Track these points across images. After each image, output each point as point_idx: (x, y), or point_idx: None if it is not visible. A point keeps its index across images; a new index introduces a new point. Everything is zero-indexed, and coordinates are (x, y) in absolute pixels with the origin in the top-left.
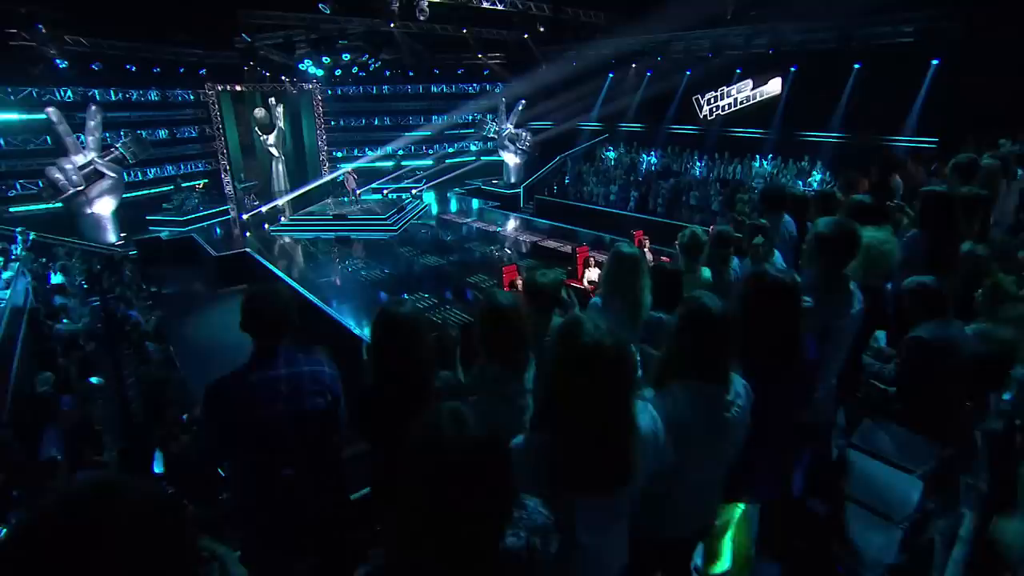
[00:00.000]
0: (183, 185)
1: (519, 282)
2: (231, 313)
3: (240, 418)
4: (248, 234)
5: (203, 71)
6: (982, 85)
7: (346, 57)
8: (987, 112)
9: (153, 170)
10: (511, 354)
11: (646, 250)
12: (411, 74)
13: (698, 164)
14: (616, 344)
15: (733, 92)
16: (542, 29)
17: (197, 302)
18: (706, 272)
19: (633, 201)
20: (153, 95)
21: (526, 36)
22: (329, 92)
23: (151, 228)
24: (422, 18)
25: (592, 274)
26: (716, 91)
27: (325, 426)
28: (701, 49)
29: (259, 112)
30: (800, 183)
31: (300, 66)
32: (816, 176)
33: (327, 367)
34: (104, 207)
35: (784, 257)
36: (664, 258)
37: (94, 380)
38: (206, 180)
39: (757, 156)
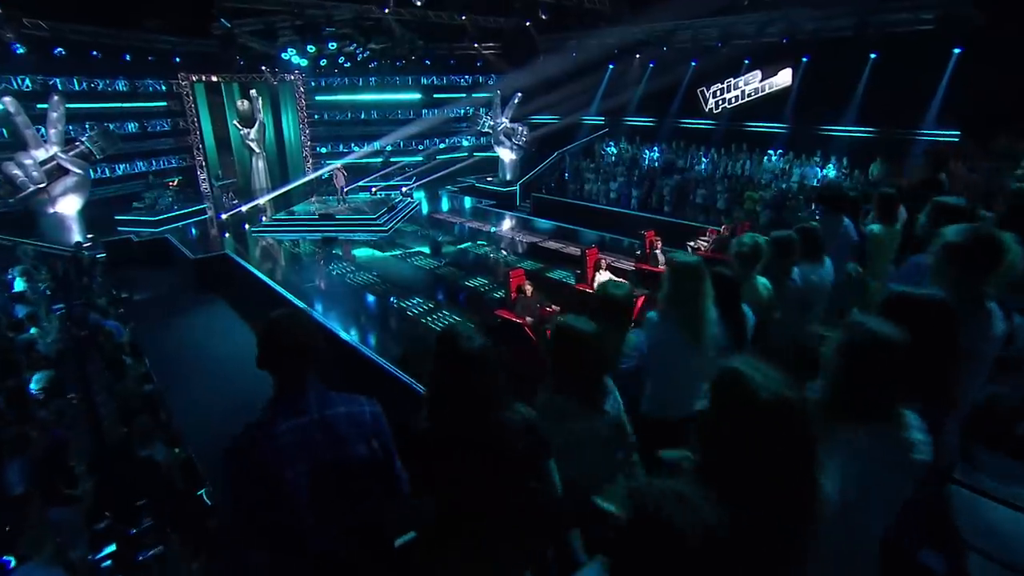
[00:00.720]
0: (155, 182)
1: (527, 288)
2: (210, 320)
3: (270, 480)
4: (227, 235)
5: (177, 59)
6: (1006, 76)
7: (333, 46)
8: (1012, 104)
9: (122, 166)
10: (589, 384)
11: (658, 252)
12: (400, 64)
13: (704, 160)
14: (798, 396)
15: (740, 84)
16: (544, 16)
17: (172, 309)
18: (761, 281)
19: (635, 199)
20: (121, 85)
21: (528, 23)
22: (312, 83)
23: (120, 229)
24: (419, 3)
25: (603, 278)
26: (723, 83)
27: (371, 478)
28: (708, 38)
29: (242, 104)
30: (814, 180)
31: (283, 55)
32: (831, 172)
33: (367, 406)
34: (68, 206)
35: (840, 264)
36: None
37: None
38: (180, 177)
39: (768, 151)
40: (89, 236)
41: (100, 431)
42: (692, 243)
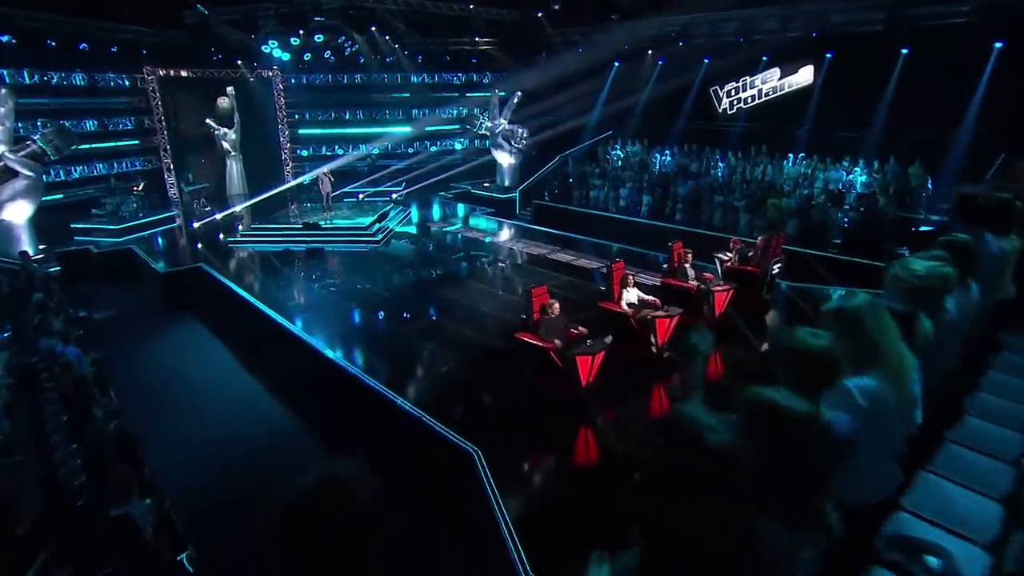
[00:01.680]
0: (117, 187)
1: (554, 307)
2: (183, 342)
3: None
4: (200, 246)
5: (143, 51)
6: None
7: (319, 39)
8: None
9: (79, 168)
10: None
11: (687, 266)
12: (389, 61)
13: (720, 164)
14: None
15: (757, 82)
16: (556, 7)
17: (139, 330)
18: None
19: (646, 206)
20: (79, 78)
21: (540, 14)
22: (292, 80)
23: (78, 239)
24: None
25: (631, 296)
26: (738, 81)
27: None
28: (725, 33)
29: (224, 101)
30: (839, 185)
31: (263, 48)
32: (859, 176)
33: None
34: (17, 213)
35: (985, 284)
36: (707, 275)
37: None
38: (145, 181)
39: (788, 154)
40: (41, 247)
41: (58, 487)
42: (719, 254)
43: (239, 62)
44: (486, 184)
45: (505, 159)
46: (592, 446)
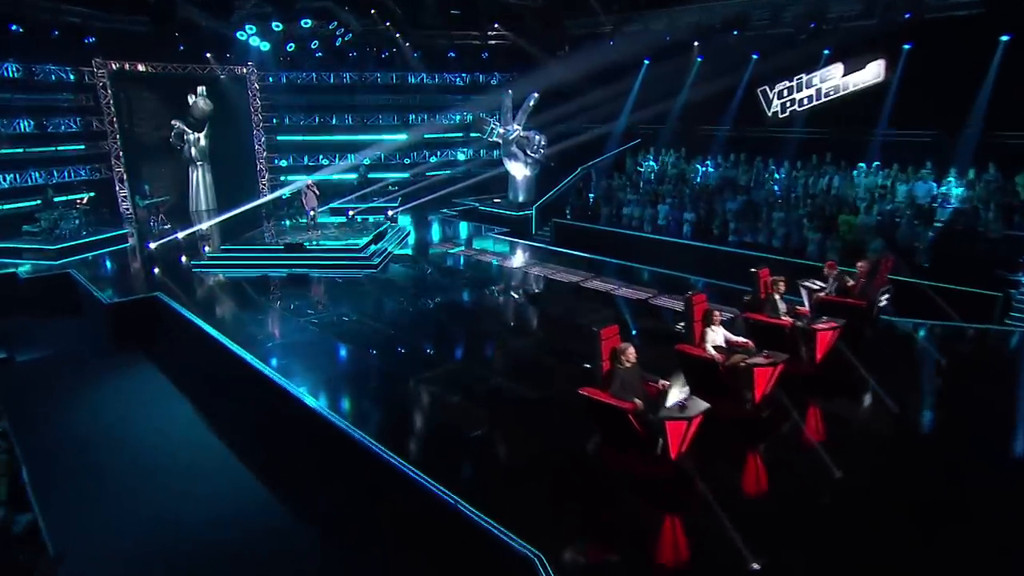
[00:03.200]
0: (56, 199)
1: (631, 353)
2: (130, 391)
3: None
4: (156, 271)
5: (90, 39)
6: None
7: (306, 24)
8: None
9: (9, 176)
10: None
11: (777, 298)
12: (384, 55)
13: (776, 175)
14: None
15: (816, 81)
16: None
17: (75, 376)
18: None
19: (689, 225)
20: (11, 69)
21: None
22: (271, 79)
23: (3, 261)
24: None
25: (716, 336)
26: (791, 80)
27: None
28: (779, 25)
29: (202, 102)
30: (927, 198)
31: (239, 35)
32: (954, 188)
33: None
34: None
35: None
36: (800, 309)
37: None
38: (92, 193)
39: (859, 163)
40: None
41: None
42: (807, 283)
43: (209, 55)
44: (496, 200)
45: (519, 170)
46: (684, 541)
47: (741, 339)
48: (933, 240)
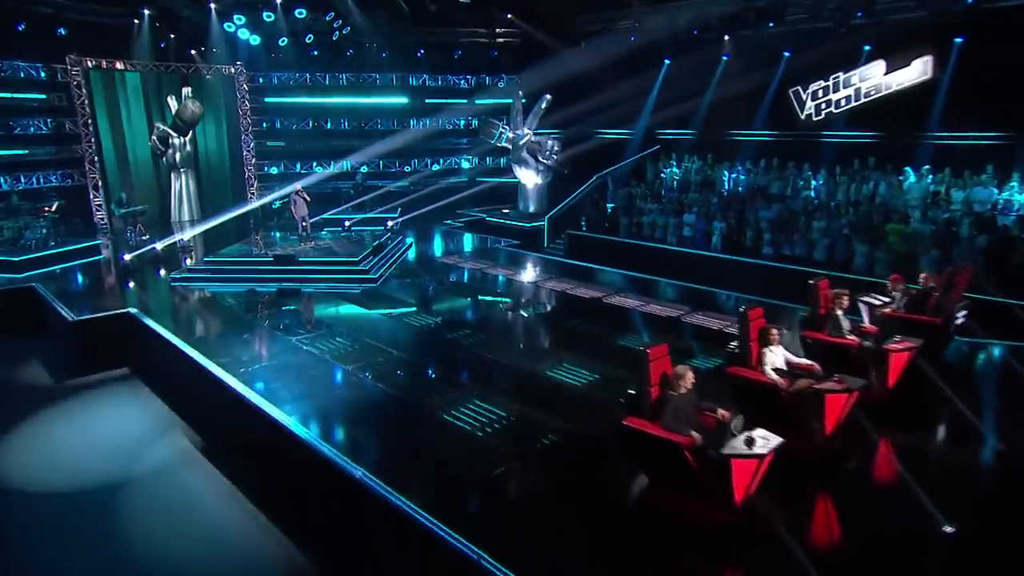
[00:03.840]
0: (22, 207)
1: (689, 378)
2: (99, 422)
3: None
4: (132, 284)
5: (62, 30)
6: None
7: (301, 14)
8: None
9: None
10: None
11: (839, 314)
12: (384, 55)
13: (814, 181)
14: None
15: (854, 79)
16: None
17: (34, 403)
18: None
19: (719, 235)
20: None
21: None
22: (260, 80)
23: None
24: None
25: (776, 358)
26: (827, 80)
27: None
28: (816, 19)
29: (192, 105)
30: (988, 205)
31: (226, 26)
32: (1017, 195)
33: None
34: None
35: None
36: (866, 327)
37: None
38: (62, 201)
39: (906, 168)
40: None
41: None
42: (867, 298)
43: (194, 52)
44: (505, 211)
45: (530, 178)
46: None
47: (804, 361)
48: (993, 249)
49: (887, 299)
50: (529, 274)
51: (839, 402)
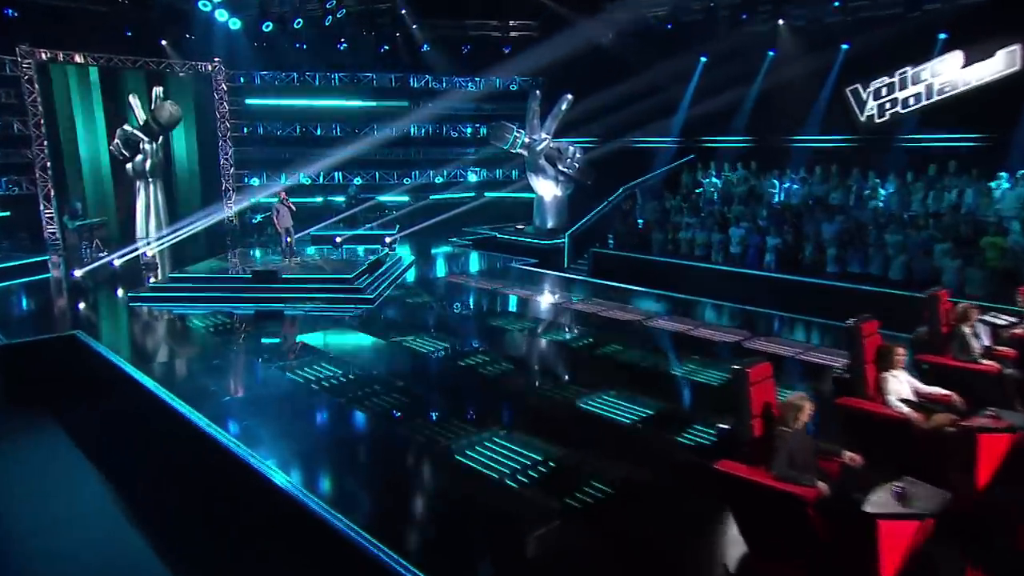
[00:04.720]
0: None
1: (807, 410)
2: (28, 469)
3: None
4: (82, 305)
5: (11, 11)
6: None
7: None
8: None
9: None
10: None
11: (966, 329)
12: (384, 50)
13: (882, 191)
14: None
15: (925, 75)
16: None
17: None
18: None
19: (773, 253)
20: None
21: None
22: (241, 80)
23: None
24: None
25: (901, 386)
26: (892, 76)
27: None
28: (879, 6)
29: (170, 106)
30: None
31: (201, 5)
32: None
33: None
34: None
35: None
36: (1001, 350)
37: None
38: (6, 212)
39: (1000, 173)
40: None
41: None
42: (988, 316)
43: (164, 43)
44: (519, 227)
45: (548, 189)
46: None
47: (938, 390)
48: None
49: (1012, 319)
50: (551, 295)
51: (998, 445)
